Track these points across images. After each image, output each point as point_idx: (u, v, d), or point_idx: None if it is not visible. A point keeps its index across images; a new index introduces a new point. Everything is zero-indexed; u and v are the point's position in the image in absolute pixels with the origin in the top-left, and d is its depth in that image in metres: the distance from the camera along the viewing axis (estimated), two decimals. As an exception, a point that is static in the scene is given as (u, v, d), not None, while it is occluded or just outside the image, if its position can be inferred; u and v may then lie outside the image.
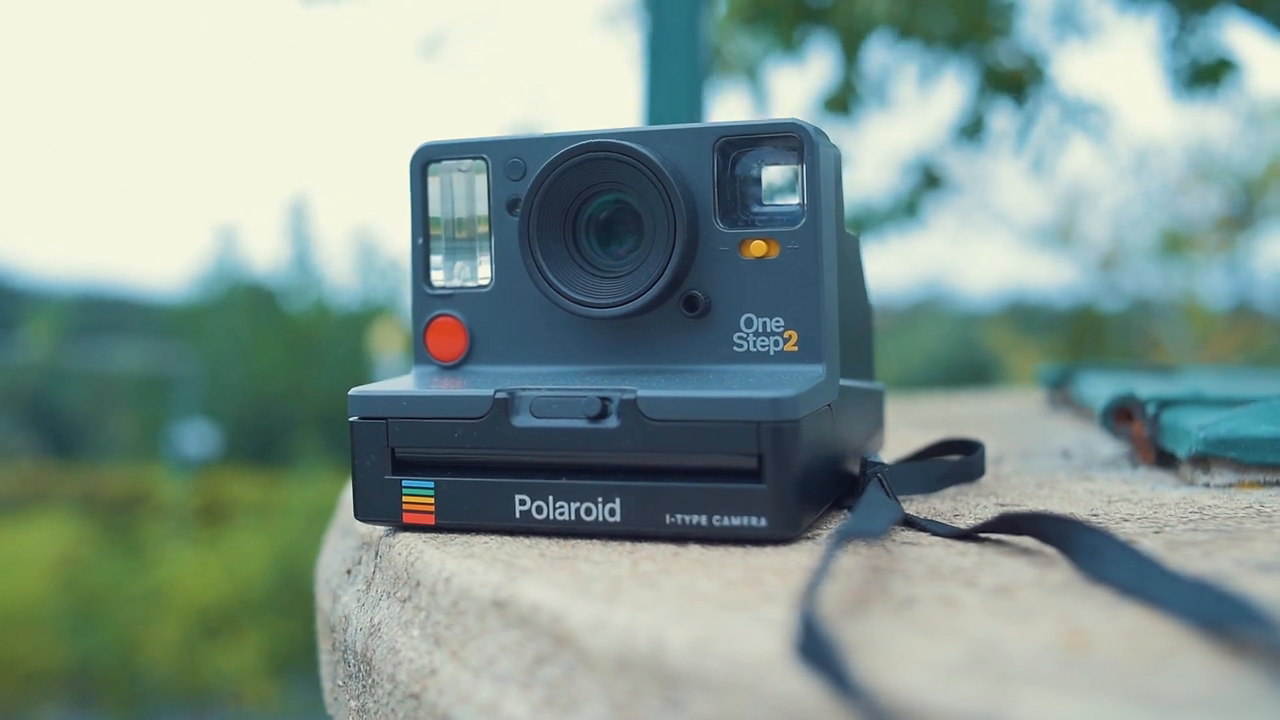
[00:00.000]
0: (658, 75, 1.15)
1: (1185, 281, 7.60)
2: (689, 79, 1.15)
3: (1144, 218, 7.66)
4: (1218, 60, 3.19)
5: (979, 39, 2.97)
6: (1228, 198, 6.90)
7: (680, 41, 1.14)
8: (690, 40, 1.14)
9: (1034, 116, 2.99)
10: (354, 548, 0.65)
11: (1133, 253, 7.76)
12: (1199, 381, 1.18)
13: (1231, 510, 0.59)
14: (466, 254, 0.64)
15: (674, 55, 1.14)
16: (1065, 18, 3.45)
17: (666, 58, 1.14)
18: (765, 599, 0.43)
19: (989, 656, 0.34)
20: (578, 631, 0.41)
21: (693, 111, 1.16)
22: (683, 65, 1.14)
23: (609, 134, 0.59)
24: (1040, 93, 3.01)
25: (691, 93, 1.16)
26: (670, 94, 1.15)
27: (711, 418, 0.53)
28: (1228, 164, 6.83)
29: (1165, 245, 7.13)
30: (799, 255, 0.58)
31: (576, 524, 0.55)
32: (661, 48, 1.14)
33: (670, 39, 1.14)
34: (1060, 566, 0.47)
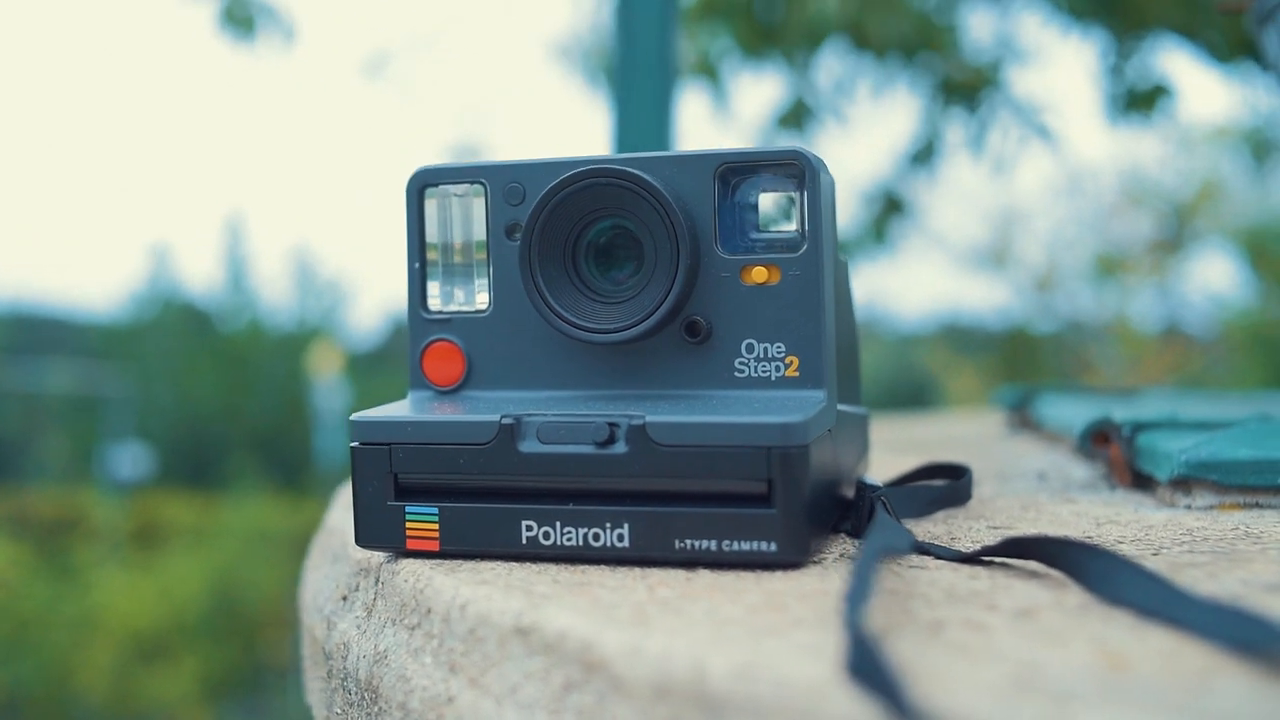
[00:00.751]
0: (627, 94, 1.16)
1: (1117, 304, 7.74)
2: (658, 99, 1.16)
3: (1077, 240, 7.80)
4: (1154, 86, 3.26)
5: (931, 48, 3.02)
6: (1159, 222, 7.04)
7: (650, 61, 1.15)
8: (661, 60, 1.15)
9: (988, 122, 3.03)
10: (349, 574, 0.64)
11: (1067, 275, 7.89)
12: (1164, 405, 1.20)
13: (1220, 532, 0.61)
14: (464, 278, 0.64)
15: (644, 74, 1.15)
16: (1005, 43, 3.51)
17: (636, 77, 1.15)
18: (795, 624, 0.43)
19: (1034, 678, 0.35)
20: (610, 658, 0.41)
21: (662, 131, 1.17)
22: (652, 85, 1.15)
23: (611, 160, 0.60)
24: (993, 98, 3.06)
25: (661, 114, 1.17)
26: (639, 113, 1.16)
27: (721, 443, 0.53)
28: (1159, 189, 6.97)
29: (1099, 268, 7.26)
30: (800, 281, 0.59)
31: (584, 549, 0.55)
32: (631, 68, 1.15)
33: (640, 58, 1.15)
34: (1072, 590, 0.48)
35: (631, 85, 1.15)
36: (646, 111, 1.15)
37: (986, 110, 3.18)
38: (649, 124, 1.16)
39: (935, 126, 3.37)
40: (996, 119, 3.20)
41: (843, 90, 3.17)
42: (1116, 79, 3.40)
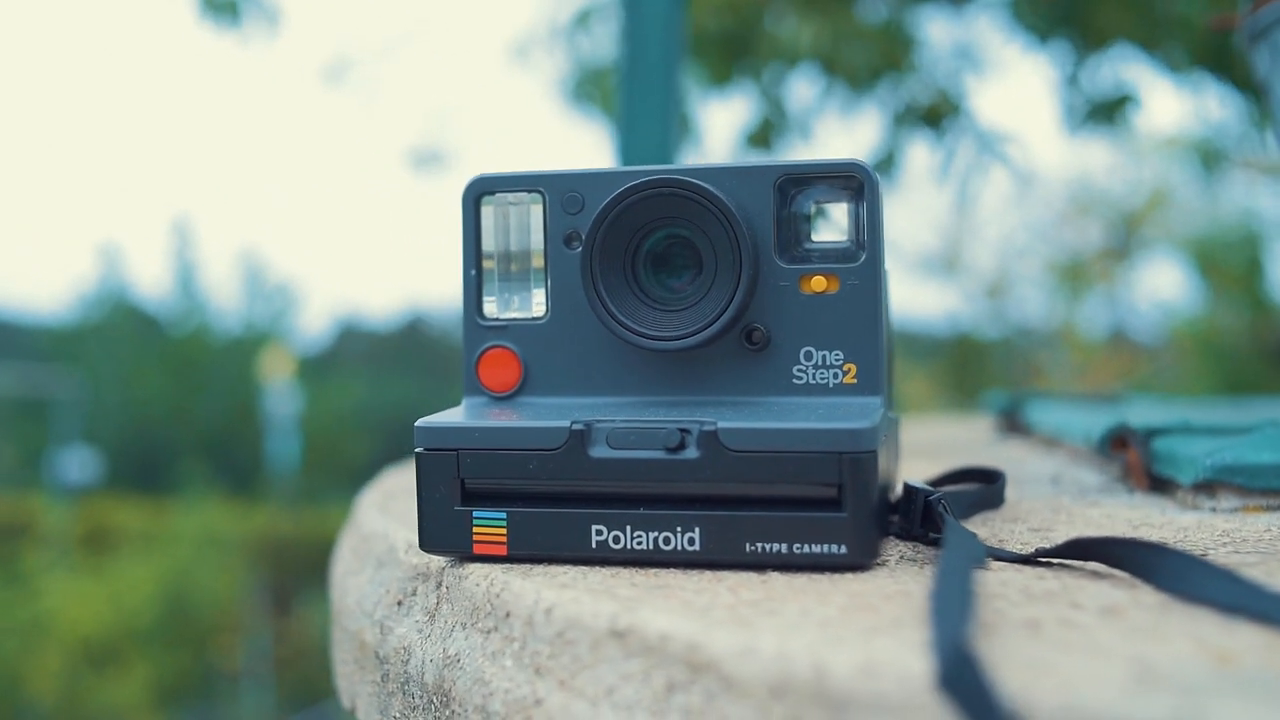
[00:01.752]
0: (632, 114, 1.17)
1: (1066, 311, 7.86)
2: (663, 119, 1.17)
3: (1028, 248, 7.91)
4: (1120, 96, 3.32)
5: (896, 72, 3.05)
6: (1108, 230, 7.16)
7: (657, 82, 1.16)
8: (666, 81, 1.17)
9: (953, 149, 3.07)
10: (403, 578, 0.65)
11: (1017, 282, 8.00)
12: (1151, 409, 1.23)
13: (1256, 534, 0.63)
14: (520, 286, 0.65)
15: (650, 85, 1.16)
16: (964, 53, 3.56)
17: (643, 89, 1.16)
18: (894, 623, 0.44)
19: (1151, 674, 0.37)
20: (720, 658, 0.42)
21: (666, 150, 1.18)
22: (658, 105, 1.17)
23: (674, 170, 0.61)
24: (957, 125, 3.10)
25: (666, 134, 1.18)
26: (645, 134, 1.17)
27: (792, 448, 0.54)
28: (1108, 197, 7.09)
29: (1055, 276, 7.37)
30: (859, 291, 0.61)
31: (654, 553, 0.56)
32: (638, 79, 1.16)
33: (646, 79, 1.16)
34: (1143, 589, 0.49)
35: (638, 96, 1.16)
36: (653, 122, 1.17)
37: (952, 137, 3.22)
38: (654, 134, 1.17)
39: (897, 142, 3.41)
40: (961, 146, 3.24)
41: (811, 112, 3.20)
42: (1074, 90, 3.45)
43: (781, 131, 3.16)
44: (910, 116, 3.23)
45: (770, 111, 3.12)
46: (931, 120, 3.22)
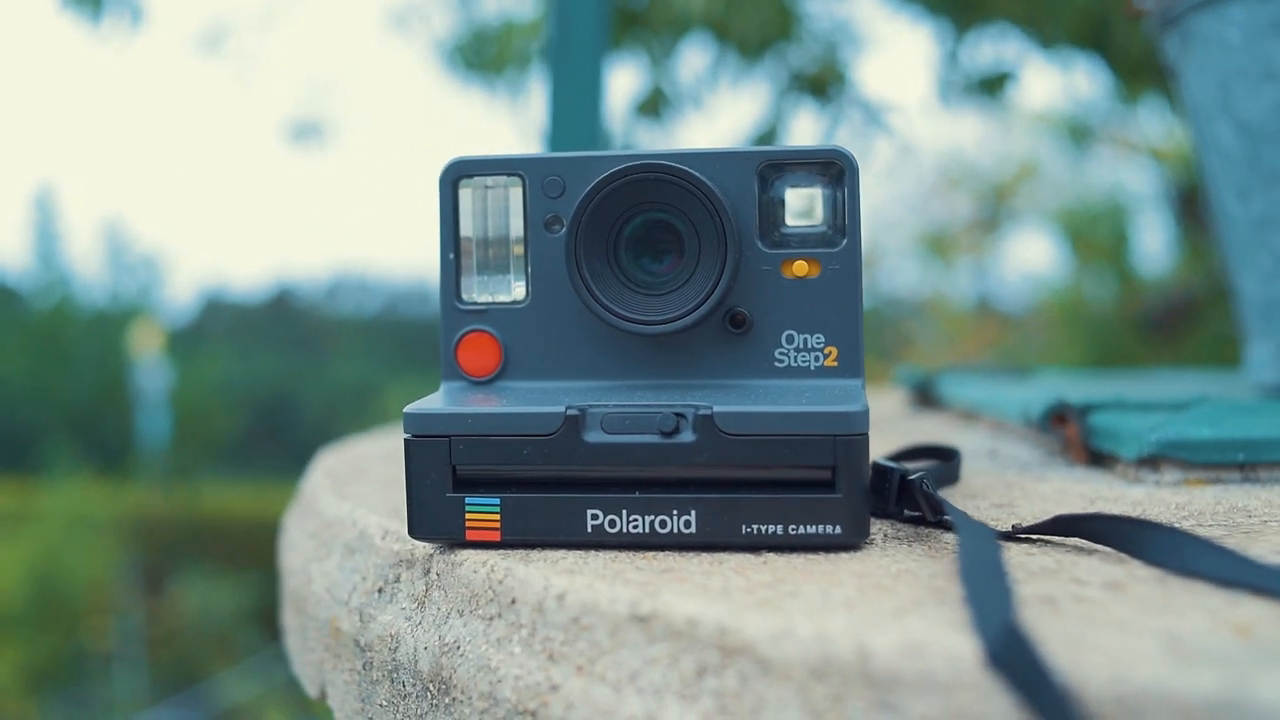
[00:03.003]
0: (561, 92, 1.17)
1: (935, 282, 8.04)
2: (592, 96, 1.17)
3: (898, 220, 8.06)
4: (1000, 73, 3.40)
5: (785, 40, 3.09)
6: (977, 202, 7.34)
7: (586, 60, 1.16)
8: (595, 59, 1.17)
9: (838, 119, 3.12)
10: (382, 565, 0.64)
11: (887, 253, 8.15)
12: (1063, 383, 1.28)
13: (1210, 507, 0.66)
14: (499, 269, 0.65)
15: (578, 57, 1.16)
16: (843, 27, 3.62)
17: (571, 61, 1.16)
18: (917, 603, 0.46)
19: (1184, 647, 0.39)
20: (754, 641, 0.43)
21: (592, 131, 1.18)
22: (587, 82, 1.16)
23: (658, 155, 0.61)
24: (842, 95, 3.15)
25: (595, 110, 1.18)
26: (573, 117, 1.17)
27: (787, 432, 0.56)
28: (977, 170, 7.26)
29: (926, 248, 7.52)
30: (840, 275, 0.62)
31: (650, 536, 0.57)
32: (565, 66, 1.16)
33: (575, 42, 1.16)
34: (1132, 564, 0.52)
35: (566, 68, 1.16)
36: (580, 93, 1.17)
37: (836, 107, 3.27)
38: (583, 106, 1.17)
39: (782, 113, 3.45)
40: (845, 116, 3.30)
41: (702, 81, 3.22)
42: (953, 66, 3.53)
43: (671, 101, 3.17)
44: (797, 85, 3.28)
45: (661, 81, 3.13)
46: (817, 89, 3.27)
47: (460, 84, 4.02)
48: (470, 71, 3.89)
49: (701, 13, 2.71)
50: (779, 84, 3.26)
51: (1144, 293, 5.16)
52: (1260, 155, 1.03)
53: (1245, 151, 1.05)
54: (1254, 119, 1.03)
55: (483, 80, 3.91)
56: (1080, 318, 5.72)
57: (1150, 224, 5.92)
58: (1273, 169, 1.03)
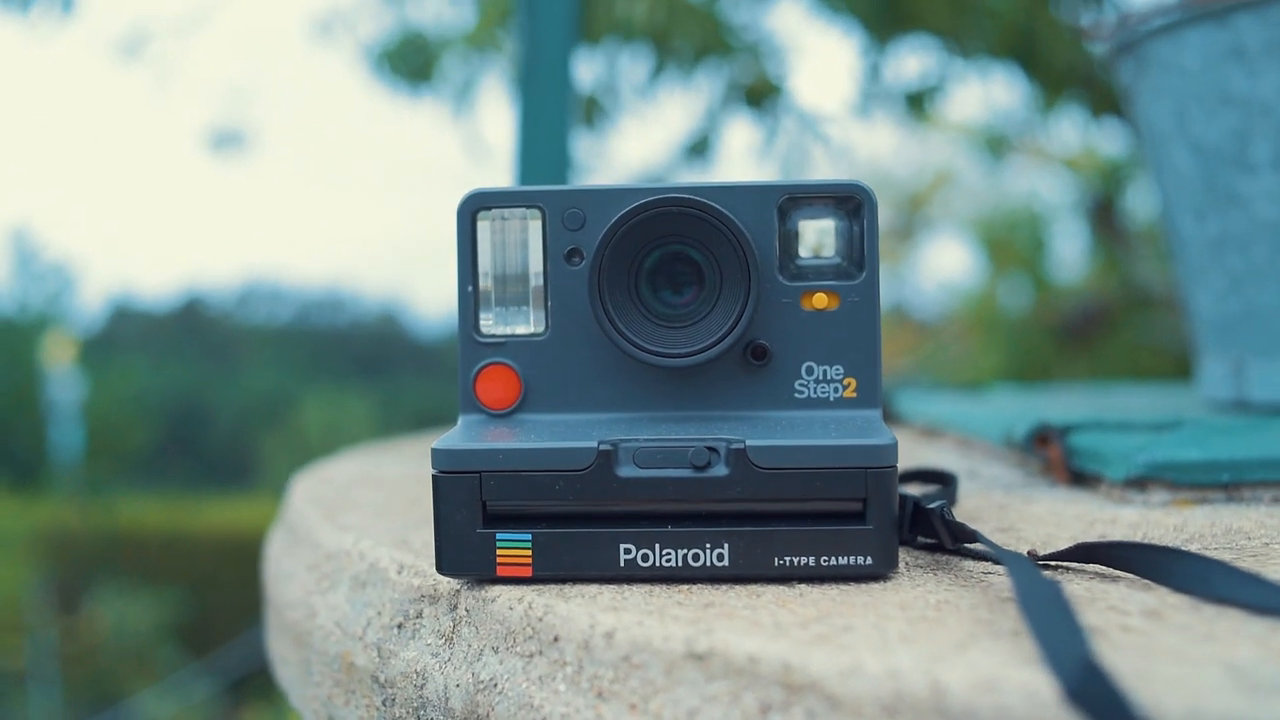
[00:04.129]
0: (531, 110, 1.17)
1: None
2: (561, 114, 1.18)
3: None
4: (928, 86, 3.46)
5: (722, 52, 3.11)
6: (893, 210, 7.43)
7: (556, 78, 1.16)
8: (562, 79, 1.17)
9: (775, 129, 3.15)
10: (401, 600, 0.64)
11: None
12: (1013, 401, 1.31)
13: (1206, 529, 0.68)
14: (517, 302, 0.65)
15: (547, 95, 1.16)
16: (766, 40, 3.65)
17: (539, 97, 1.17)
18: (972, 637, 0.47)
19: (1246, 675, 0.40)
20: (822, 678, 0.44)
21: (562, 151, 1.18)
22: (555, 106, 1.17)
23: (680, 188, 0.62)
24: (777, 105, 3.18)
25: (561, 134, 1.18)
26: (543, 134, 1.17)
27: (819, 465, 0.56)
28: (892, 179, 7.35)
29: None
30: (859, 307, 0.63)
31: (682, 570, 0.58)
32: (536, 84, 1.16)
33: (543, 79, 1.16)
34: (1159, 591, 0.53)
35: (537, 93, 1.16)
36: (550, 113, 1.17)
37: (772, 117, 3.31)
38: (554, 129, 1.18)
39: (716, 123, 3.48)
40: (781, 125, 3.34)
41: (639, 91, 3.24)
42: (875, 78, 3.58)
43: (608, 111, 3.18)
44: (734, 95, 3.31)
45: (598, 90, 3.13)
46: (753, 100, 3.30)
47: (388, 90, 4.00)
48: (398, 78, 3.86)
49: (643, 24, 2.72)
50: (716, 94, 3.28)
51: (1059, 300, 5.27)
52: (1216, 178, 1.07)
53: (1201, 174, 1.08)
54: (1210, 142, 1.07)
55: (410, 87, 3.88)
56: (996, 325, 5.83)
57: (1065, 233, 6.04)
58: (1228, 191, 1.06)
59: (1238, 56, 1.02)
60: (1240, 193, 1.05)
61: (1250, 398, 1.08)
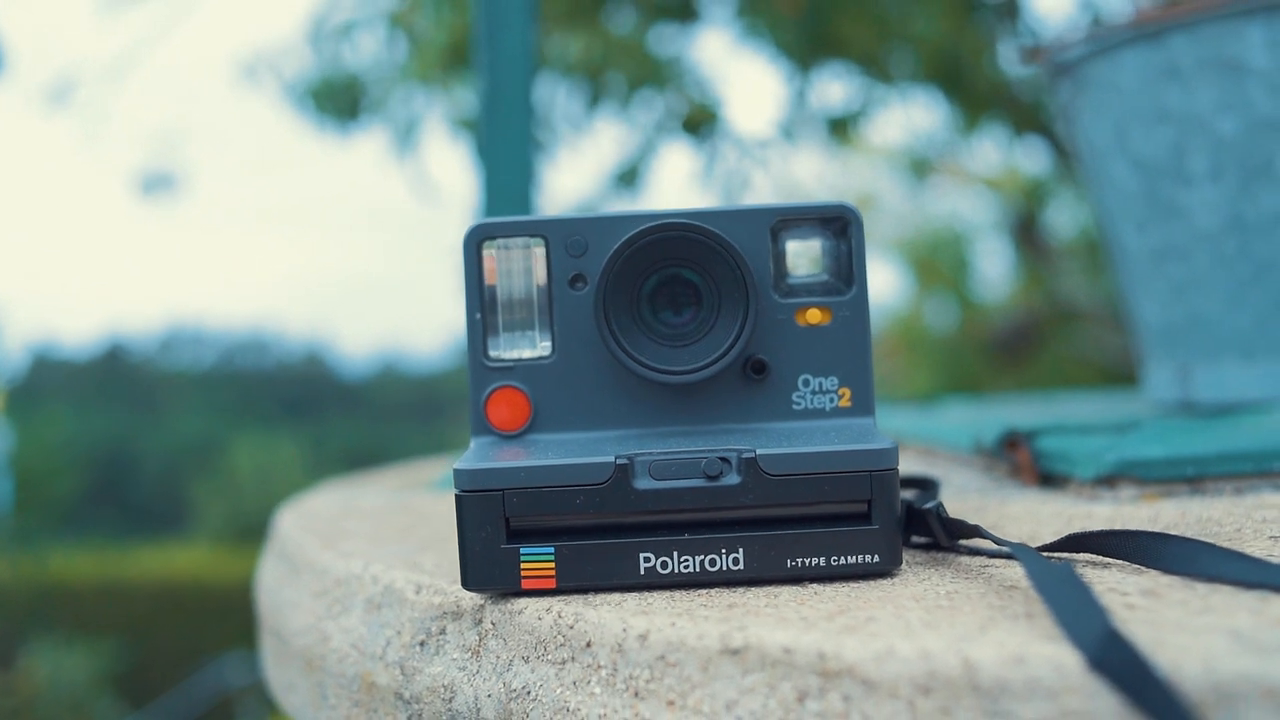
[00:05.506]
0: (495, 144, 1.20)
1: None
2: (522, 150, 1.21)
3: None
4: (851, 112, 3.54)
5: (655, 85, 3.17)
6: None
7: (518, 111, 1.19)
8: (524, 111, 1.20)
9: (714, 156, 3.21)
10: (421, 619, 0.66)
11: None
12: (960, 411, 1.36)
13: (1179, 519, 0.73)
14: (524, 327, 0.68)
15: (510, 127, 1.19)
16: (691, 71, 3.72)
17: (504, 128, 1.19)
18: (991, 621, 0.50)
19: (1250, 639, 0.44)
20: (857, 664, 0.47)
21: (525, 182, 1.21)
22: (518, 137, 1.20)
23: (678, 214, 0.65)
24: (715, 133, 3.24)
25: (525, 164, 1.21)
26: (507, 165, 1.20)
27: (826, 470, 0.60)
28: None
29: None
30: (850, 321, 0.67)
31: (700, 575, 0.61)
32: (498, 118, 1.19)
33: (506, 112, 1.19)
34: (1149, 573, 0.57)
35: (500, 126, 1.19)
36: (516, 150, 1.20)
37: (710, 144, 3.36)
38: (517, 161, 1.20)
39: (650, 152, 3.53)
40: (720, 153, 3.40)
41: (575, 123, 3.28)
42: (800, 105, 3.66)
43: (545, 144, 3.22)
44: (671, 125, 3.36)
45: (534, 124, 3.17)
46: (691, 128, 3.36)
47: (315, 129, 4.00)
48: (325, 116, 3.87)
49: (579, 60, 2.77)
50: (651, 123, 3.33)
51: (987, 317, 5.39)
52: (1156, 191, 1.12)
53: (1141, 188, 1.14)
54: (1149, 157, 1.12)
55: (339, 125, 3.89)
56: (923, 343, 5.94)
57: (989, 251, 6.18)
58: (1168, 203, 1.12)
59: (1172, 75, 1.08)
60: (1179, 204, 1.10)
61: (1197, 399, 1.13)
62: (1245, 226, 1.07)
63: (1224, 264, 1.09)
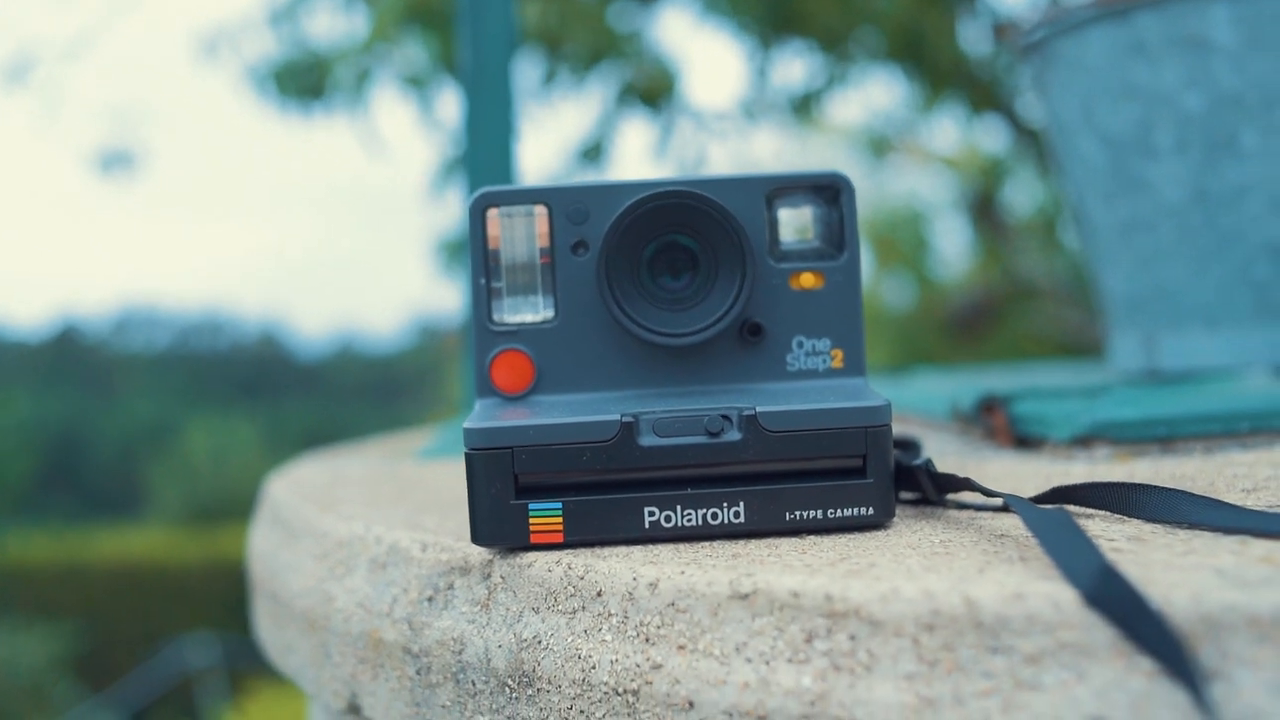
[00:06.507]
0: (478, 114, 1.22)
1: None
2: (506, 117, 1.23)
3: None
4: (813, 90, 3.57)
5: (613, 55, 3.18)
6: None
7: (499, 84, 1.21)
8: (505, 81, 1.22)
9: (670, 128, 3.23)
10: (428, 575, 0.68)
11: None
12: (931, 381, 1.39)
13: (1154, 475, 0.76)
14: (527, 292, 0.70)
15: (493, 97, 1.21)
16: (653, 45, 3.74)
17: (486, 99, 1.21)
18: (988, 564, 0.53)
19: (1234, 575, 0.47)
20: (862, 604, 0.50)
21: (508, 150, 1.23)
22: (501, 105, 1.22)
23: (678, 182, 0.68)
24: (672, 105, 3.26)
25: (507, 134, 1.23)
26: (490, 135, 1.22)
27: (823, 426, 0.62)
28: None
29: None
30: (842, 286, 0.69)
31: (703, 528, 0.63)
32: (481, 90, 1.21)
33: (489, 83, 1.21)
34: (1133, 522, 0.60)
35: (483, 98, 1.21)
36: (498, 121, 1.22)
37: (667, 116, 3.39)
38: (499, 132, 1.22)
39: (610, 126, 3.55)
40: (676, 125, 3.42)
41: (533, 95, 3.29)
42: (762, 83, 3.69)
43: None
44: (629, 97, 3.38)
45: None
46: (649, 99, 3.38)
47: (277, 110, 3.98)
48: (287, 97, 3.85)
49: (535, 27, 2.78)
50: (610, 96, 3.35)
51: (945, 295, 5.45)
52: (1123, 165, 1.16)
53: (1109, 162, 1.17)
54: (1116, 132, 1.16)
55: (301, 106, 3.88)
56: (882, 321, 6.01)
57: (947, 229, 6.25)
58: (1134, 177, 1.15)
59: (1139, 52, 1.11)
60: (1146, 178, 1.14)
61: (1162, 366, 1.17)
62: (1209, 199, 1.11)
63: (1188, 236, 1.13)
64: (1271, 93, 1.07)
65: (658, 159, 3.37)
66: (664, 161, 3.37)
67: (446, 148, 3.40)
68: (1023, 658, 0.46)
